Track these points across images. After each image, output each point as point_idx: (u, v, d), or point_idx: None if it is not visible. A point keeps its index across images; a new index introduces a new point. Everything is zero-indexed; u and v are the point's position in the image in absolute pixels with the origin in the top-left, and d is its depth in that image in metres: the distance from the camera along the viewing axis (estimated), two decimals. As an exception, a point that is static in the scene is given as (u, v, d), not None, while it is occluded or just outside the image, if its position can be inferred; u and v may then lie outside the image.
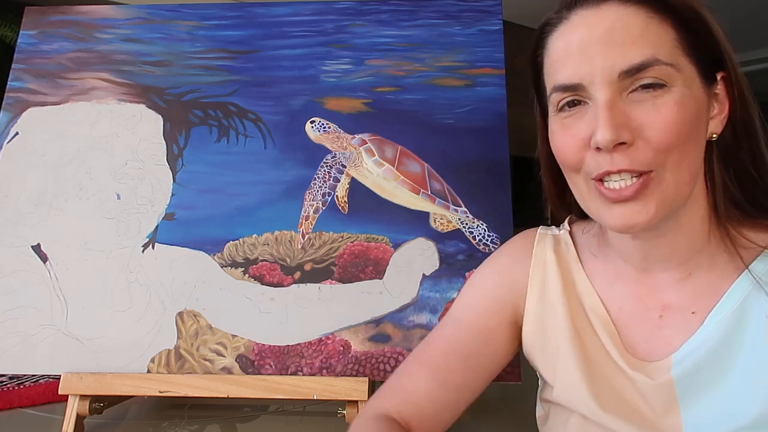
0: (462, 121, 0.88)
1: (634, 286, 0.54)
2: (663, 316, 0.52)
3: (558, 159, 0.52)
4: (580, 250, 0.59)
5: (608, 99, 0.45)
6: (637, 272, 0.54)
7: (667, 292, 0.52)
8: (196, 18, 0.97)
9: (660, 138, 0.45)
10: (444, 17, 0.94)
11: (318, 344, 0.79)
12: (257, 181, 0.87)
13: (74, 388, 0.77)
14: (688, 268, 0.52)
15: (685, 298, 0.51)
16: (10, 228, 0.87)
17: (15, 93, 0.95)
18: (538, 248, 0.61)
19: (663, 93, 0.45)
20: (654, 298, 0.53)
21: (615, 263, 0.56)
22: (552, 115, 0.52)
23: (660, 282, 0.53)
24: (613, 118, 0.45)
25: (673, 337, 0.50)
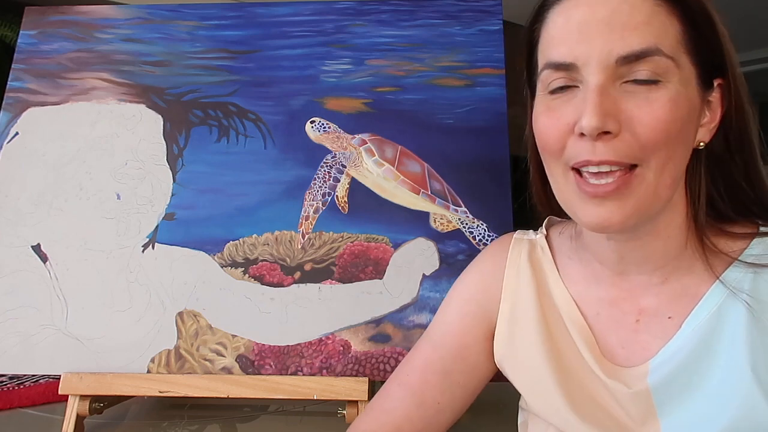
0: (462, 121, 0.88)
1: (611, 289, 0.53)
2: (639, 320, 0.50)
3: (538, 142, 0.49)
4: (557, 254, 0.58)
5: (600, 84, 0.43)
6: (614, 275, 0.53)
7: (644, 296, 0.51)
8: (196, 18, 0.97)
9: (648, 134, 0.42)
10: (444, 17, 0.94)
11: (318, 344, 0.79)
12: (257, 181, 0.87)
13: (74, 388, 0.77)
14: (664, 273, 0.50)
15: (661, 302, 0.50)
16: (10, 228, 0.87)
17: (15, 93, 0.94)
18: (512, 255, 0.59)
19: (658, 88, 0.43)
20: (630, 303, 0.51)
21: (591, 266, 0.55)
22: (539, 95, 0.49)
23: (636, 286, 0.51)
24: (602, 104, 0.42)
25: (650, 342, 0.49)
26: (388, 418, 0.57)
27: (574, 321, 0.53)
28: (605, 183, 0.44)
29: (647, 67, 0.42)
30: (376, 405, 0.59)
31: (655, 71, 0.43)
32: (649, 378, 0.48)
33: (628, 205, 0.44)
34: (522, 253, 0.59)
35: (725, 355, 0.45)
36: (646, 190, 0.44)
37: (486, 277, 0.61)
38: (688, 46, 0.44)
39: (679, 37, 0.44)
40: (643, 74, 0.43)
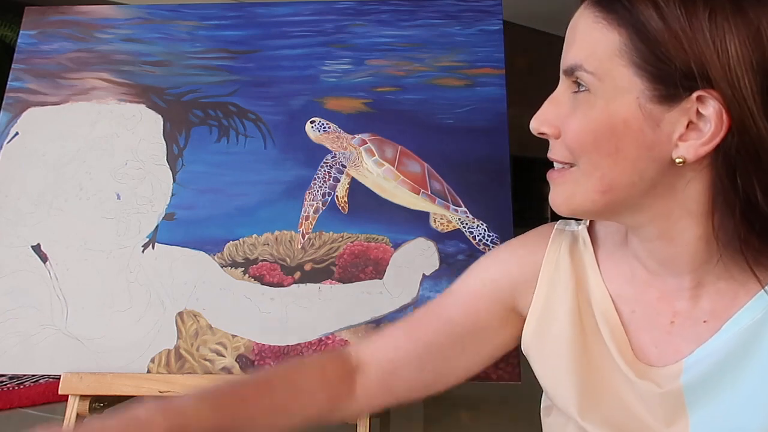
0: (462, 121, 0.88)
1: (647, 288, 0.53)
2: (674, 322, 0.51)
3: None
4: (599, 247, 0.58)
5: (555, 92, 0.49)
6: (650, 275, 0.53)
7: (679, 299, 0.51)
8: (196, 18, 0.97)
9: (567, 140, 0.47)
10: (444, 17, 0.94)
11: (318, 344, 0.79)
12: (257, 181, 0.87)
13: (74, 388, 0.77)
14: (695, 278, 0.50)
15: (696, 306, 0.50)
16: (10, 228, 0.87)
17: (15, 93, 0.94)
18: (552, 246, 0.59)
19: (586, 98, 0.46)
20: (665, 304, 0.52)
21: (630, 263, 0.55)
22: None
23: (671, 287, 0.51)
24: (544, 110, 0.49)
25: (682, 344, 0.50)
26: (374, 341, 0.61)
27: (608, 319, 0.54)
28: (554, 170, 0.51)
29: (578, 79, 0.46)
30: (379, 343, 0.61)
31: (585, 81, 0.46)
32: (682, 377, 0.48)
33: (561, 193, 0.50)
34: (563, 245, 0.59)
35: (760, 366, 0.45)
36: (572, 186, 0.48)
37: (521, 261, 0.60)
38: (632, 58, 0.43)
39: (618, 50, 0.44)
40: (574, 87, 0.47)
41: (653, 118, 0.44)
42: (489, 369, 0.76)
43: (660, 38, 0.42)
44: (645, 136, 0.44)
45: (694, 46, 0.41)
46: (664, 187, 0.46)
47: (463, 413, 0.86)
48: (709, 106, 0.42)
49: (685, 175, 0.45)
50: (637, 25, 0.43)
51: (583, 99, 0.46)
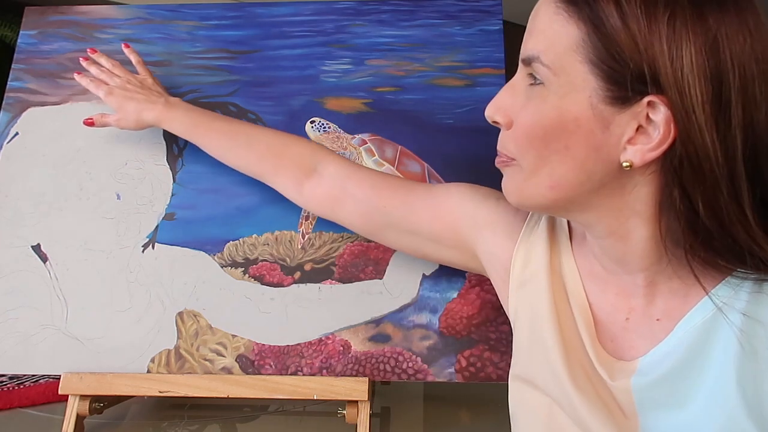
0: (462, 121, 0.88)
1: (606, 285, 0.53)
2: (629, 318, 0.51)
3: None
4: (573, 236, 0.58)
5: (512, 80, 0.48)
6: (606, 272, 0.53)
7: (634, 296, 0.51)
8: (196, 18, 0.97)
9: (516, 134, 0.48)
10: (444, 17, 0.94)
11: (318, 344, 0.79)
12: (257, 181, 0.87)
13: (74, 388, 0.77)
14: (649, 276, 0.50)
15: (650, 304, 0.50)
16: (10, 228, 0.87)
17: (15, 93, 0.95)
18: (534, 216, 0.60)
19: (539, 91, 0.45)
20: (622, 300, 0.52)
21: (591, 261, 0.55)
22: None
23: (626, 285, 0.52)
24: (500, 97, 0.49)
25: (637, 341, 0.50)
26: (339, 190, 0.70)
27: (576, 298, 0.54)
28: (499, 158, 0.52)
29: (534, 71, 0.46)
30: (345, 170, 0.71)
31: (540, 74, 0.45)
32: (633, 378, 0.48)
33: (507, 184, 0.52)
34: (543, 218, 0.60)
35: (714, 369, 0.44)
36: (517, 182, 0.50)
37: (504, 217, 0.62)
38: (588, 54, 0.42)
39: (576, 44, 0.43)
40: (530, 78, 0.46)
41: (604, 119, 0.43)
42: (489, 369, 0.76)
43: (617, 37, 0.41)
44: (594, 137, 0.44)
45: (649, 49, 0.40)
46: (612, 187, 0.46)
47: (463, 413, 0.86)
48: (659, 112, 0.41)
49: (634, 177, 0.45)
50: (596, 21, 0.41)
51: (537, 92, 0.45)
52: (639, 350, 0.49)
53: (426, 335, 0.78)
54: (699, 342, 0.46)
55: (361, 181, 0.69)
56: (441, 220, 0.65)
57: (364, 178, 0.69)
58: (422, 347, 0.77)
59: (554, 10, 0.44)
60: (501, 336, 0.77)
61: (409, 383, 0.98)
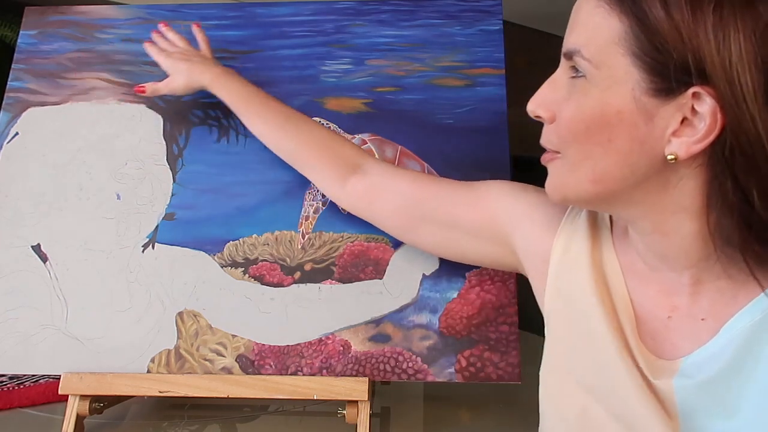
0: (462, 121, 0.88)
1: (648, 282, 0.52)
2: (671, 317, 0.50)
3: None
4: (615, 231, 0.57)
5: (554, 74, 0.48)
6: (649, 269, 0.52)
7: (678, 294, 0.50)
8: (196, 18, 0.97)
9: (559, 128, 0.47)
10: (444, 17, 0.94)
11: (318, 344, 0.79)
12: (257, 181, 0.87)
13: (74, 388, 0.77)
14: (695, 273, 0.48)
15: (693, 303, 0.49)
16: (10, 228, 0.87)
17: (15, 93, 0.95)
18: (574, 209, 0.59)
19: (582, 84, 0.45)
20: (665, 298, 0.51)
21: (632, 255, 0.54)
22: None
23: (670, 282, 0.50)
24: (542, 92, 0.48)
25: (680, 341, 0.49)
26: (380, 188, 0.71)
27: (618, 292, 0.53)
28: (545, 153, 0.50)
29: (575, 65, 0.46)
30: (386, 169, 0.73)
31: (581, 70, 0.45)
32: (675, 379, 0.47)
33: (551, 180, 0.50)
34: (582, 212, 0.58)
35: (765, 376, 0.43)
36: (561, 174, 0.49)
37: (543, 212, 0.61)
38: (631, 48, 0.42)
39: (618, 38, 0.42)
40: (572, 71, 0.46)
41: (647, 111, 0.42)
42: (489, 369, 0.76)
43: (660, 28, 0.40)
44: (638, 130, 0.43)
45: (693, 39, 0.39)
46: (657, 182, 0.45)
47: (463, 413, 0.86)
48: (704, 103, 0.40)
49: (679, 171, 0.44)
50: (639, 14, 0.41)
51: (579, 85, 0.45)
52: (681, 350, 0.48)
53: (426, 335, 0.78)
54: (748, 345, 0.44)
55: (404, 176, 0.71)
56: (480, 213, 0.65)
57: (407, 174, 0.72)
58: (422, 347, 0.77)
59: (595, 4, 0.44)
60: (501, 336, 0.77)
61: (409, 383, 0.98)
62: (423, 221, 0.68)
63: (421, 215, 0.68)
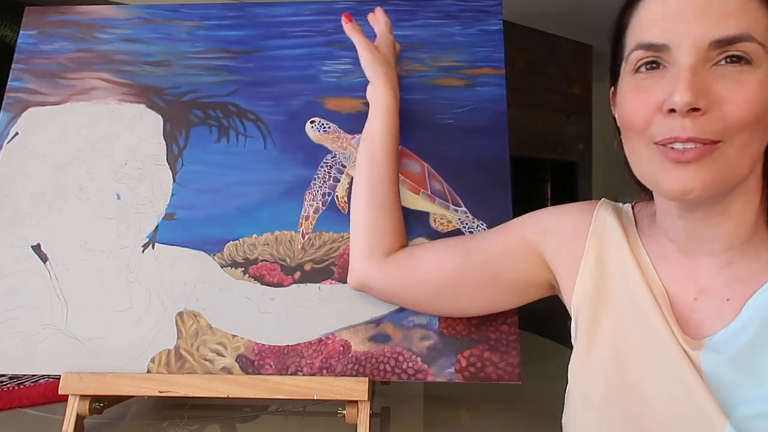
0: (462, 121, 0.88)
1: (676, 266, 0.55)
2: (697, 299, 0.52)
3: (624, 120, 0.52)
4: (638, 225, 0.61)
5: (692, 64, 0.46)
6: (681, 254, 0.55)
7: (705, 277, 0.52)
8: (196, 18, 0.97)
9: (737, 113, 0.45)
10: (444, 17, 0.94)
11: (318, 344, 0.79)
12: (257, 181, 0.87)
13: (74, 388, 0.77)
14: (730, 257, 0.51)
15: (721, 284, 0.51)
16: (10, 228, 0.87)
17: (15, 93, 0.95)
18: (600, 211, 0.62)
19: (748, 70, 0.45)
20: (692, 281, 0.53)
21: (661, 243, 0.57)
22: (627, 76, 0.52)
23: (700, 266, 0.53)
24: (694, 82, 0.45)
25: (705, 320, 0.51)
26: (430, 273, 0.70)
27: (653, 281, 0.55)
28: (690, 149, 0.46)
29: (738, 50, 0.45)
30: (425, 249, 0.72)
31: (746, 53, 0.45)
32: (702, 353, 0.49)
33: (707, 174, 0.46)
34: (609, 210, 0.62)
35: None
36: (726, 163, 0.46)
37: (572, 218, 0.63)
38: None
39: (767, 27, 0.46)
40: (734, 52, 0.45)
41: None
42: (489, 369, 0.76)
43: None
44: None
45: None
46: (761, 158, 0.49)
47: (463, 413, 0.86)
48: None
49: None
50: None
51: (746, 71, 0.45)
52: (706, 330, 0.50)
53: (426, 335, 0.78)
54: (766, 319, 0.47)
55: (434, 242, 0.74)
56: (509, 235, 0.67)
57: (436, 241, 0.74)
58: (422, 347, 0.77)
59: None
60: (501, 336, 0.77)
61: (409, 383, 0.98)
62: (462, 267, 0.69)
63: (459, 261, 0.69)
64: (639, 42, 0.49)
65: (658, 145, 0.48)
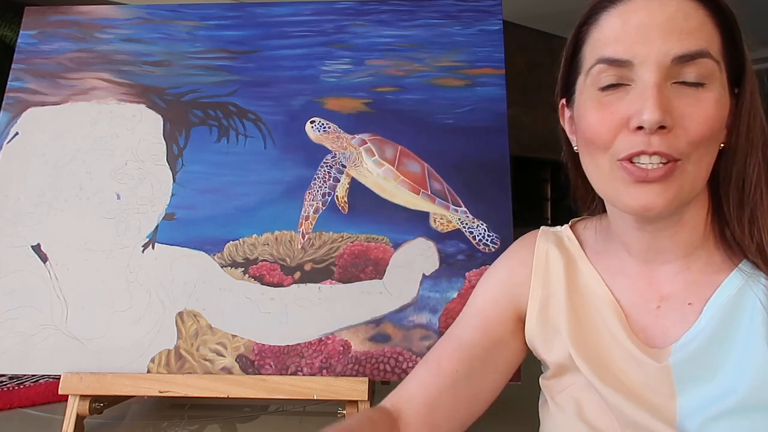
0: (462, 121, 0.88)
1: (635, 279, 0.56)
2: (660, 306, 0.53)
3: (587, 135, 0.52)
4: (583, 246, 0.61)
5: (657, 81, 0.47)
6: (639, 265, 0.56)
7: (666, 284, 0.54)
8: (196, 18, 0.97)
9: (698, 130, 0.46)
10: (444, 17, 0.94)
11: (318, 344, 0.79)
12: (257, 181, 0.87)
13: (74, 388, 0.77)
14: (687, 262, 0.54)
15: (681, 289, 0.53)
16: (10, 228, 0.87)
17: (15, 93, 0.95)
18: (540, 242, 0.62)
19: (705, 90, 0.47)
20: (653, 290, 0.54)
21: (618, 257, 0.58)
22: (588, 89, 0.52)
23: (660, 274, 0.55)
24: (661, 100, 0.46)
25: (670, 327, 0.52)
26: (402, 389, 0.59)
27: (603, 298, 0.56)
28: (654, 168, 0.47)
29: (697, 69, 0.47)
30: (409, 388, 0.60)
31: (703, 74, 0.47)
32: (670, 358, 0.50)
33: (670, 192, 0.48)
34: (549, 240, 0.62)
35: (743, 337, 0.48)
36: (686, 180, 0.48)
37: (516, 265, 0.63)
38: (725, 56, 0.49)
39: (720, 46, 0.49)
40: (692, 76, 0.47)
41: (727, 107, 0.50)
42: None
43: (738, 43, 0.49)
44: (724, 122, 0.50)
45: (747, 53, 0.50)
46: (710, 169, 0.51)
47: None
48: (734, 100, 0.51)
49: None
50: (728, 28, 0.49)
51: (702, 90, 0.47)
52: (671, 336, 0.52)
53: (426, 335, 0.78)
54: (727, 318, 0.49)
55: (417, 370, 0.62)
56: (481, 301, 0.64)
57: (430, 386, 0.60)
58: (422, 347, 0.77)
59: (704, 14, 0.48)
60: (501, 336, 0.76)
61: (409, 383, 0.97)
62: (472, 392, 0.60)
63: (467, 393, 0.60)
64: (601, 56, 0.50)
65: (623, 161, 0.48)
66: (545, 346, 0.59)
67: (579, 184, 0.63)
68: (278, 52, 0.94)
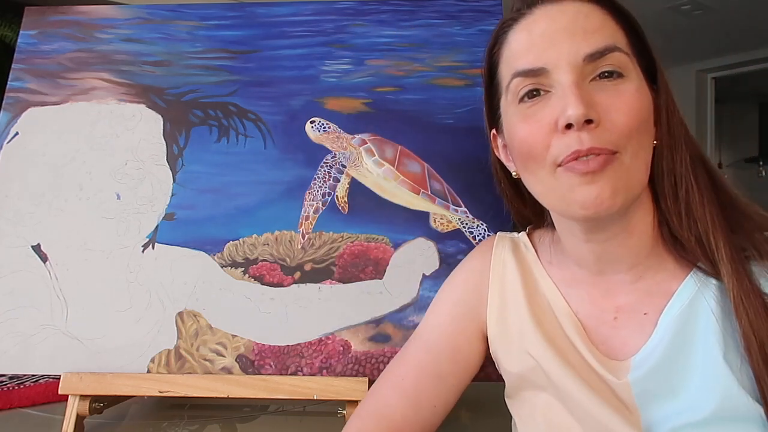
0: (462, 121, 0.88)
1: (590, 289, 0.55)
2: (617, 317, 0.53)
3: (521, 150, 0.51)
4: (539, 255, 0.61)
5: (575, 79, 0.47)
6: (591, 276, 0.55)
7: (620, 294, 0.53)
8: (196, 18, 0.97)
9: (624, 120, 0.47)
10: (444, 17, 0.94)
11: (318, 344, 0.79)
12: (257, 181, 0.87)
13: (74, 388, 0.77)
14: (638, 272, 0.53)
15: (636, 299, 0.52)
16: (10, 228, 0.87)
17: (15, 93, 0.94)
18: (497, 250, 0.62)
19: (623, 81, 0.48)
20: (608, 301, 0.54)
21: (570, 269, 0.57)
22: (510, 106, 0.53)
23: (613, 285, 0.54)
24: (582, 95, 0.46)
25: (629, 338, 0.51)
26: (384, 422, 0.57)
27: (561, 310, 0.55)
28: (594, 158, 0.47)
29: (610, 62, 0.48)
30: (370, 408, 0.59)
31: (617, 65, 0.48)
32: (629, 375, 0.50)
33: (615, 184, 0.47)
34: (506, 248, 0.62)
35: (701, 349, 0.47)
36: (626, 172, 0.48)
37: (473, 275, 0.62)
38: (634, 52, 0.50)
39: (627, 42, 0.50)
40: (607, 67, 0.48)
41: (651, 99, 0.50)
42: (489, 369, 0.76)
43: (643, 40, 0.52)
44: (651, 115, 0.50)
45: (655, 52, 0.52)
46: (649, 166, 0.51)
47: (463, 413, 0.86)
48: None
49: None
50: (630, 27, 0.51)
51: (621, 82, 0.48)
52: (631, 348, 0.51)
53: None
54: (681, 329, 0.48)
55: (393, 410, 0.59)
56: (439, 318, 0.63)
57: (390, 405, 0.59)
58: (422, 347, 0.77)
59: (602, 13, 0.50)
60: (501, 336, 0.76)
61: (409, 383, 0.97)
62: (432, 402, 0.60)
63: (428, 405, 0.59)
64: (516, 70, 0.50)
65: (563, 165, 0.48)
66: (507, 356, 0.57)
67: (525, 209, 0.63)
68: (278, 52, 0.94)
